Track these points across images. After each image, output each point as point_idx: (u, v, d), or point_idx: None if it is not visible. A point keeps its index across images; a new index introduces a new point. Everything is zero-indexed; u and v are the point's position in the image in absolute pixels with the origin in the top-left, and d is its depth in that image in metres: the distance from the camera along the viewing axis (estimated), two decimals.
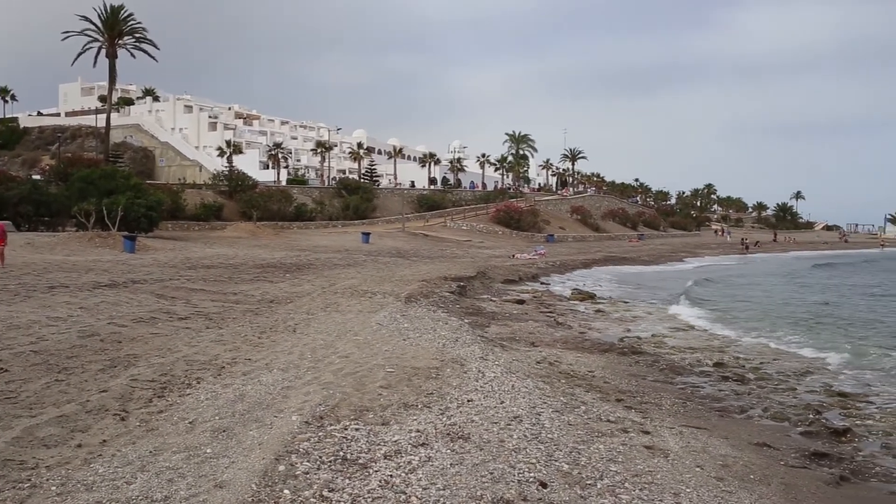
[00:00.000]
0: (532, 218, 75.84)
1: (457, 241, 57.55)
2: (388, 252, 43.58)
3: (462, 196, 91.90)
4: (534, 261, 44.97)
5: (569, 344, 16.86)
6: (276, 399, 9.27)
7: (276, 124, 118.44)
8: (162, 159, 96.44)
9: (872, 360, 17.00)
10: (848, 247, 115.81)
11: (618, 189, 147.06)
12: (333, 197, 73.44)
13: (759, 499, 7.43)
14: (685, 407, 11.74)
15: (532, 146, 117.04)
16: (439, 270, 30.98)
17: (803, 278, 47.73)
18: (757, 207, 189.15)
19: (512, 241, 64.18)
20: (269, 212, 59.75)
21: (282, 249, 40.50)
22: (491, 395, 10.04)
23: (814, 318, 25.23)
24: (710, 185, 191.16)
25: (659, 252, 67.35)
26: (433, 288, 23.96)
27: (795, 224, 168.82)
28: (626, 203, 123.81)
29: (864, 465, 9.39)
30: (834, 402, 12.73)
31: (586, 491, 6.82)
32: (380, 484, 6.55)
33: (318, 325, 15.37)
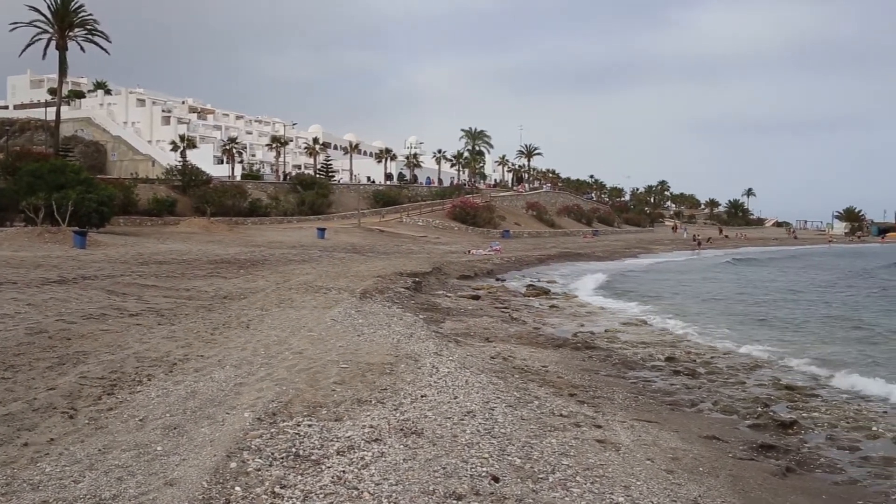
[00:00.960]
0: (488, 214, 76.03)
1: (412, 237, 57.52)
2: (343, 248, 43.42)
3: (418, 192, 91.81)
4: (489, 257, 45.10)
5: (523, 339, 16.95)
6: (228, 396, 9.20)
7: (230, 119, 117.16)
8: (114, 153, 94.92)
9: (817, 353, 17.35)
10: (797, 243, 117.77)
11: (573, 185, 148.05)
12: (289, 192, 72.94)
13: (708, 491, 7.55)
14: (637, 401, 11.87)
15: (488, 142, 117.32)
16: (395, 266, 30.93)
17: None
18: (709, 204, 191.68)
19: (468, 237, 64.33)
20: (223, 207, 59.22)
21: (236, 245, 40.17)
22: (445, 390, 10.07)
23: (761, 313, 25.67)
24: (664, 181, 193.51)
25: (613, 248, 67.93)
26: (388, 284, 23.93)
27: (747, 221, 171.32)
28: (581, 199, 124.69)
29: (810, 457, 9.59)
30: (782, 395, 12.98)
31: (538, 485, 6.87)
32: (332, 480, 6.54)
33: (271, 322, 15.27)
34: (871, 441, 10.36)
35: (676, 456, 8.70)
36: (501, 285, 31.18)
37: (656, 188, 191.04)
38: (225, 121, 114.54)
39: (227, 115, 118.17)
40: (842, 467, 9.25)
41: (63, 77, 62.25)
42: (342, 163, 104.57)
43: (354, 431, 7.91)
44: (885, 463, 9.40)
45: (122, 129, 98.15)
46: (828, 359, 16.56)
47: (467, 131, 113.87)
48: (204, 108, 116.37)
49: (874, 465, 9.35)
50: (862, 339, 19.80)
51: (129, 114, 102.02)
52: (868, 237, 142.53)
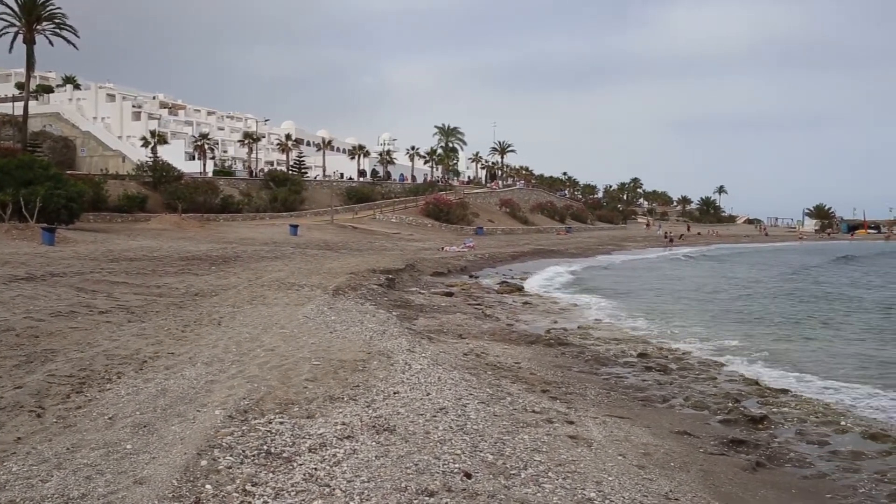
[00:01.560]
0: (461, 211, 76.06)
1: (386, 234, 57.42)
2: (316, 244, 43.24)
3: (391, 188, 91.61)
4: (463, 253, 45.13)
5: (496, 336, 16.97)
6: (199, 393, 9.13)
7: (202, 114, 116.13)
8: (83, 149, 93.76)
9: (787, 348, 17.54)
10: (768, 240, 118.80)
11: (546, 182, 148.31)
12: (261, 189, 72.52)
13: (679, 486, 7.60)
14: (609, 397, 11.94)
15: (461, 139, 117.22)
16: (368, 263, 30.86)
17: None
18: (682, 201, 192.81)
19: (441, 234, 64.31)
20: (194, 203, 58.76)
21: (208, 242, 39.87)
22: (417, 387, 10.05)
23: (733, 308, 25.90)
24: (637, 179, 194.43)
25: (586, 245, 68.22)
26: (361, 280, 23.86)
27: (718, 218, 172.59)
28: (554, 196, 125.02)
29: (780, 451, 9.69)
30: (752, 390, 13.10)
31: (510, 481, 6.87)
32: (304, 477, 6.50)
33: (243, 319, 15.18)
34: (840, 435, 10.48)
35: (648, 451, 8.76)
36: (475, 282, 31.20)
37: (629, 185, 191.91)
38: (196, 116, 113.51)
39: (199, 110, 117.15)
40: (811, 461, 9.35)
41: (31, 71, 61.43)
42: (315, 159, 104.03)
43: (326, 428, 7.87)
44: (853, 457, 9.51)
45: (91, 125, 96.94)
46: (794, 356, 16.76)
47: (441, 128, 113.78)
48: (175, 103, 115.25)
49: (842, 458, 9.46)
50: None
51: (98, 109, 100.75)
52: (838, 234, 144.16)
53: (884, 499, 8.08)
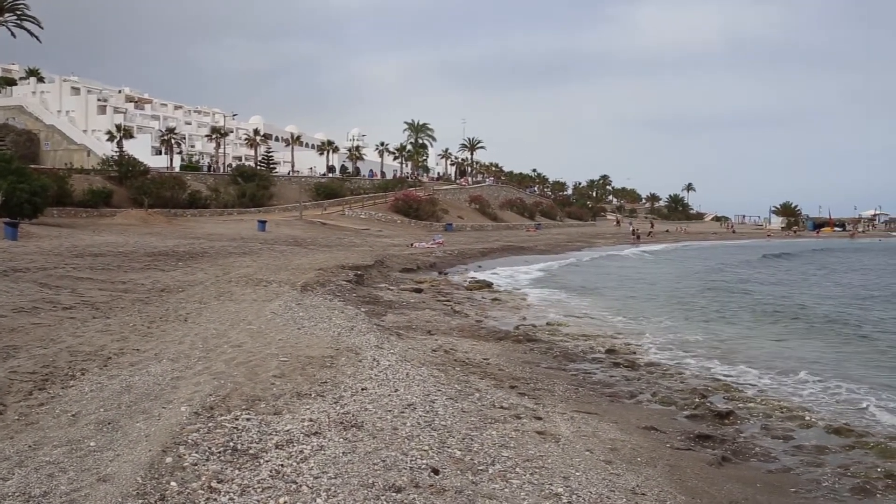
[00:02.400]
0: (431, 207, 75.98)
1: (355, 230, 57.24)
2: (284, 240, 43.02)
3: (361, 184, 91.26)
4: (432, 250, 45.10)
5: (465, 332, 16.98)
6: (164, 390, 9.04)
7: (169, 109, 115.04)
8: (47, 143, 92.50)
9: (752, 344, 17.73)
10: (735, 237, 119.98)
11: (516, 179, 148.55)
12: (229, 184, 71.86)
13: (646, 480, 7.65)
14: (577, 393, 11.99)
15: (431, 135, 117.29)
16: (337, 259, 30.75)
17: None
18: (650, 198, 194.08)
19: (410, 230, 64.22)
20: (161, 199, 58.11)
21: (174, 237, 39.49)
22: (385, 383, 10.03)
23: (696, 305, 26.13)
24: (606, 176, 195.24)
25: (556, 241, 68.47)
26: (330, 277, 23.77)
27: (687, 215, 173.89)
28: (523, 193, 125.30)
29: (745, 446, 9.80)
30: (718, 386, 13.22)
31: (478, 476, 6.88)
32: (270, 474, 6.46)
33: (210, 315, 15.06)
34: (804, 430, 10.62)
35: (615, 447, 8.81)
36: (444, 278, 31.21)
37: (598, 182, 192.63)
38: (163, 111, 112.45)
39: (166, 104, 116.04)
40: (776, 456, 9.47)
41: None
42: (283, 155, 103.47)
43: (294, 425, 7.83)
44: (816, 451, 9.63)
45: (55, 118, 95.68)
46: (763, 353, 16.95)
47: (410, 124, 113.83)
48: (141, 97, 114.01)
49: (807, 453, 9.58)
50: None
51: (63, 102, 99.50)
52: (804, 232, 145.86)
53: (846, 492, 8.19)
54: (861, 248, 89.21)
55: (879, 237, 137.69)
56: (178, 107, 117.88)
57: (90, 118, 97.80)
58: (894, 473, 8.71)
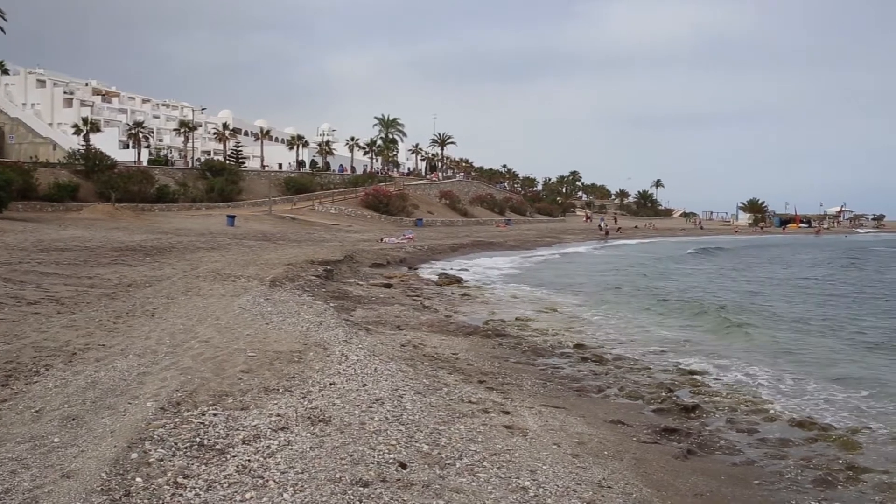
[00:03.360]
0: (401, 202, 75.83)
1: (325, 225, 57.00)
2: (253, 235, 42.75)
3: (331, 179, 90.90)
4: (402, 245, 45.06)
5: (434, 327, 17.00)
6: (130, 385, 8.97)
7: (136, 102, 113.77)
8: (11, 136, 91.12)
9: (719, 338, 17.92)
10: (703, 233, 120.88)
11: (486, 175, 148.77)
12: (197, 179, 71.26)
13: (612, 473, 7.71)
14: (545, 387, 12.05)
15: (401, 130, 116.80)
16: (306, 254, 30.62)
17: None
18: (620, 195, 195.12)
19: (381, 226, 64.08)
20: (128, 193, 57.48)
21: (142, 232, 39.10)
22: (354, 378, 10.02)
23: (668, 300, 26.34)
24: (576, 172, 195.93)
25: (525, 237, 68.63)
26: (299, 272, 23.68)
27: (655, 211, 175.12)
28: (494, 189, 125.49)
29: (710, 440, 9.92)
30: (685, 380, 13.37)
31: (445, 470, 6.90)
32: (237, 469, 6.44)
33: (177, 310, 14.95)
34: (769, 423, 10.77)
35: (582, 440, 8.87)
36: (414, 274, 31.18)
37: (568, 178, 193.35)
38: (131, 104, 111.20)
39: (133, 98, 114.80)
40: (740, 449, 9.59)
41: None
42: (253, 149, 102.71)
43: (261, 420, 7.81)
44: (780, 444, 9.77)
45: (20, 111, 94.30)
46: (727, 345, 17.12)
47: (380, 119, 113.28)
48: (109, 90, 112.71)
49: (770, 446, 9.72)
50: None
51: (28, 95, 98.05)
52: (771, 228, 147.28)
53: (808, 484, 8.32)
54: (803, 244, 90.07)
55: (845, 233, 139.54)
56: (146, 100, 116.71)
57: (56, 111, 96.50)
58: (856, 465, 8.86)
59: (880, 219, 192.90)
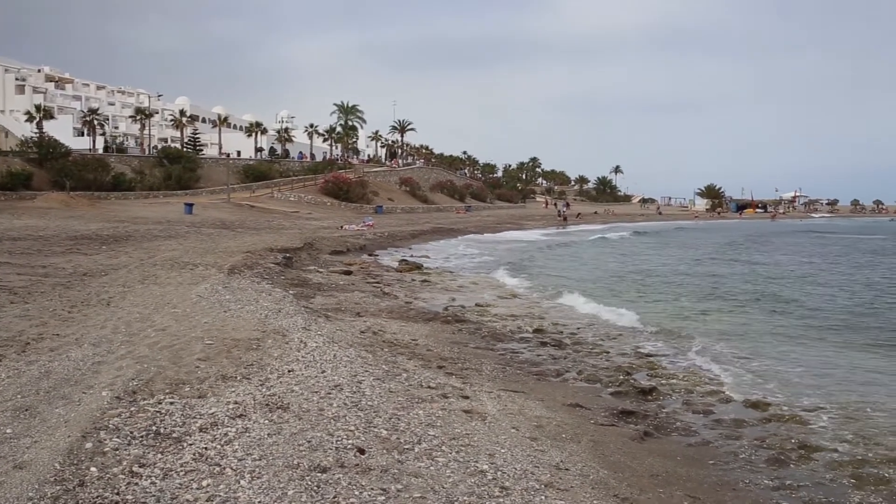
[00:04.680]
0: (361, 189, 75.57)
1: (284, 213, 56.66)
2: (212, 223, 42.36)
3: (290, 167, 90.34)
4: (362, 232, 44.93)
5: (394, 313, 16.99)
6: (85, 375, 8.87)
7: (91, 89, 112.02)
8: None
9: (677, 323, 18.13)
10: (662, 218, 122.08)
11: (446, 161, 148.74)
12: (154, 166, 70.43)
13: (570, 456, 7.78)
14: (504, 372, 12.11)
15: (361, 117, 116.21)
16: (265, 242, 30.42)
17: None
18: (579, 181, 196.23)
19: (340, 213, 63.83)
20: (84, 181, 56.66)
21: (98, 221, 38.57)
22: (312, 364, 10.00)
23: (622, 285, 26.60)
24: (535, 158, 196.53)
25: (485, 223, 68.82)
26: (258, 259, 23.53)
27: (615, 197, 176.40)
28: (454, 175, 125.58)
29: (667, 421, 10.04)
30: (642, 363, 13.51)
31: (404, 455, 6.92)
32: (194, 457, 6.40)
33: (134, 299, 14.77)
34: (724, 405, 10.93)
35: (541, 424, 8.93)
36: (374, 260, 31.13)
37: (528, 165, 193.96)
38: (85, 91, 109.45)
39: (88, 84, 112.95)
40: (696, 430, 9.72)
41: None
42: (211, 136, 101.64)
43: (218, 408, 7.76)
44: (735, 425, 9.92)
45: None
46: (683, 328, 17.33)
47: (340, 106, 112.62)
48: (62, 77, 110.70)
49: (725, 427, 9.86)
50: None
51: None
52: (728, 213, 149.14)
53: (762, 463, 8.46)
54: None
55: (799, 218, 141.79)
56: (101, 87, 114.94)
57: (7, 98, 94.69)
58: (808, 444, 9.02)
59: (834, 203, 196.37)
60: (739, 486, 7.78)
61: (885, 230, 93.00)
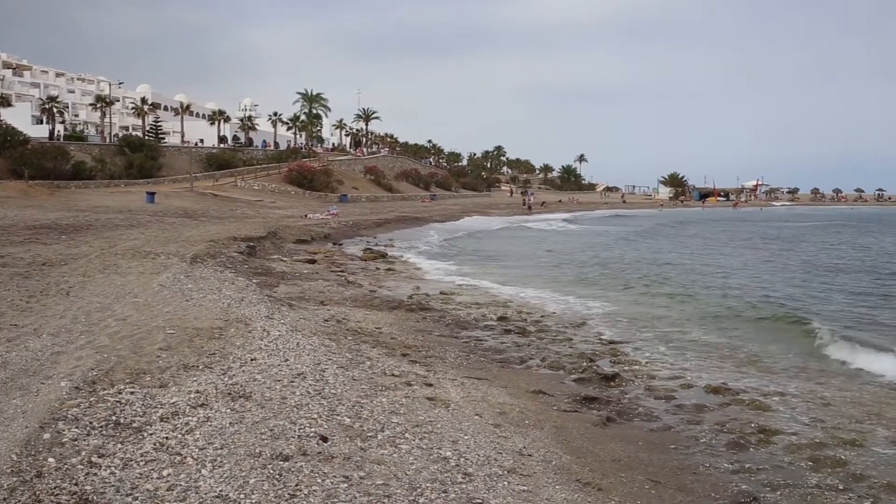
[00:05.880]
0: (325, 178, 75.12)
1: (248, 201, 56.21)
2: (174, 212, 41.89)
3: (253, 155, 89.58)
4: (326, 221, 44.72)
5: (358, 302, 16.95)
6: (44, 365, 8.74)
7: (50, 76, 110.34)
8: None
9: (640, 309, 18.29)
10: (626, 207, 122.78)
11: (411, 150, 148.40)
12: (115, 155, 69.45)
13: (532, 442, 7.83)
14: (468, 359, 12.14)
15: (325, 106, 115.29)
16: (229, 231, 30.18)
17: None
18: (544, 169, 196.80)
19: (305, 201, 63.45)
20: (43, 170, 55.72)
21: (57, 210, 37.98)
22: (275, 353, 9.94)
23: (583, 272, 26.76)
24: (500, 147, 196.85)
25: (450, 212, 68.79)
26: (221, 248, 23.34)
27: (579, 186, 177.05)
28: (419, 164, 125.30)
29: (629, 407, 10.14)
30: (606, 350, 13.62)
31: (367, 443, 6.91)
32: (154, 446, 6.35)
33: (94, 288, 14.58)
34: (685, 390, 11.05)
35: (504, 410, 8.97)
36: (338, 249, 31.03)
37: (493, 153, 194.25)
38: (44, 78, 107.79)
39: (47, 71, 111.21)
40: (658, 415, 9.82)
41: None
42: (173, 125, 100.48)
43: (180, 397, 7.70)
44: (696, 410, 10.04)
45: None
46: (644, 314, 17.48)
47: (304, 94, 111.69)
48: (20, 63, 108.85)
49: (687, 412, 9.98)
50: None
51: None
52: (691, 202, 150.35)
53: (722, 447, 8.57)
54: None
55: (761, 206, 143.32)
56: (60, 74, 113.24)
57: None
58: (767, 428, 9.16)
59: (794, 192, 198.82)
60: (700, 470, 7.88)
61: (817, 217, 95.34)
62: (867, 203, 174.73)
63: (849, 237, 52.52)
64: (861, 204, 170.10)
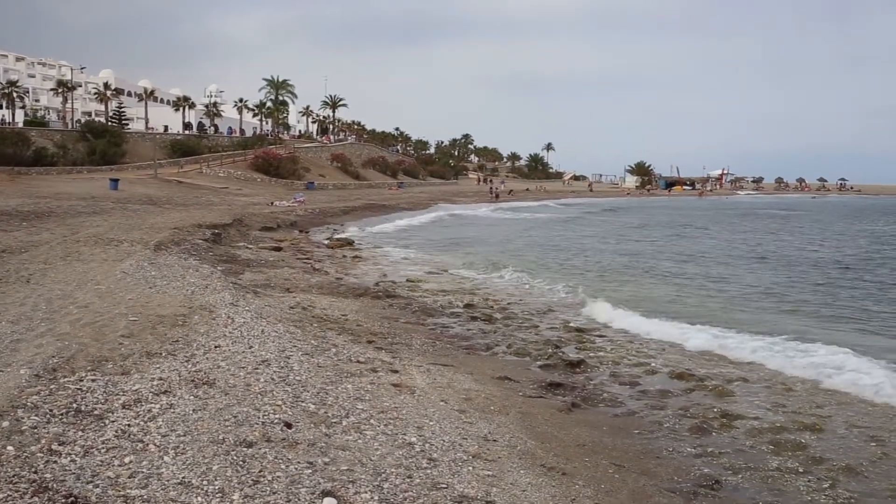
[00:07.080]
0: (292, 165, 74.68)
1: (213, 189, 55.73)
2: (138, 199, 41.41)
3: (219, 142, 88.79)
4: (293, 208, 44.48)
5: (324, 289, 16.89)
6: (2, 353, 8.59)
7: (9, 60, 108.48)
8: None
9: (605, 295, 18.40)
10: (593, 195, 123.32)
11: (379, 138, 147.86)
12: (78, 141, 68.45)
13: (497, 427, 7.86)
14: (434, 346, 12.15)
15: (292, 92, 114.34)
16: (193, 218, 29.90)
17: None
18: (511, 157, 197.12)
19: (271, 189, 63.02)
20: (3, 156, 54.79)
21: (18, 196, 37.37)
22: (240, 340, 9.88)
23: (558, 260, 26.86)
24: (468, 135, 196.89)
25: (418, 200, 68.67)
26: (185, 236, 23.12)
27: (546, 174, 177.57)
28: (386, 152, 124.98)
29: (594, 393, 10.21)
30: (571, 337, 13.70)
31: (331, 429, 6.89)
32: (116, 434, 6.27)
33: (56, 275, 14.37)
34: (650, 376, 11.15)
35: (469, 396, 8.99)
36: (305, 237, 30.89)
37: (461, 141, 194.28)
38: (3, 62, 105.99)
39: (6, 55, 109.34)
40: (622, 401, 9.91)
41: None
42: (137, 110, 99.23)
43: (142, 384, 7.61)
44: (660, 395, 10.14)
45: None
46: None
47: (270, 80, 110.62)
48: None
49: (651, 397, 10.08)
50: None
51: None
52: (657, 190, 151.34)
53: (685, 432, 8.67)
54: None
55: (726, 195, 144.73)
56: (20, 58, 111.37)
57: None
58: (729, 413, 9.28)
59: (759, 181, 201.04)
60: (663, 454, 7.96)
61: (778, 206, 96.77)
62: (829, 192, 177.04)
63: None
64: (823, 193, 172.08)
